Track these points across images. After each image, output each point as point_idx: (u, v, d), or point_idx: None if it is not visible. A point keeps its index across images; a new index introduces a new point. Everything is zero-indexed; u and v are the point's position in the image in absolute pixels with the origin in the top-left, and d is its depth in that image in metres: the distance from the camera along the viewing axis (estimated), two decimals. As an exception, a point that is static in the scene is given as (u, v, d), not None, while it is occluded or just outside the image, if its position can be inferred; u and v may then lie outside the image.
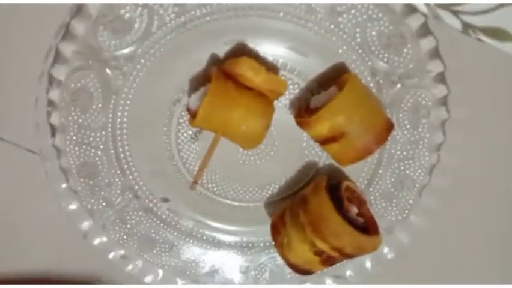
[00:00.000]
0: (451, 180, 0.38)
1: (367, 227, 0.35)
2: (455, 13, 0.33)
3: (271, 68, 0.36)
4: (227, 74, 0.33)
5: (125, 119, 0.37)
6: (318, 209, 0.34)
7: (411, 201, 0.39)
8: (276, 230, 0.36)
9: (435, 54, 0.35)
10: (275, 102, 0.36)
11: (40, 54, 0.35)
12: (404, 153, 0.38)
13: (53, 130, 0.37)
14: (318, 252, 0.33)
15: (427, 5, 0.31)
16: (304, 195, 0.35)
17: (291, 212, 0.36)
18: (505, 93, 0.38)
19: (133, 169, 0.38)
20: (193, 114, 0.32)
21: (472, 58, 0.36)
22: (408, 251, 0.40)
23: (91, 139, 0.37)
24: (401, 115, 0.37)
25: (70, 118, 0.36)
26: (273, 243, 0.37)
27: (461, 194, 0.40)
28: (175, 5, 0.34)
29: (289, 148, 0.39)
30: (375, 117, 0.34)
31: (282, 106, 0.37)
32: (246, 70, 0.32)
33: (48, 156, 0.37)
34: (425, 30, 0.34)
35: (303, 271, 0.36)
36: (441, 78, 0.36)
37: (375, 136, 0.34)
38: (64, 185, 0.38)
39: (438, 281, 0.42)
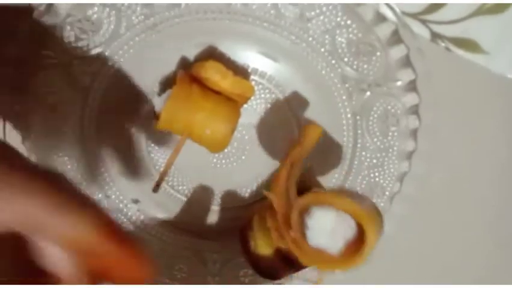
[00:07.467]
0: (421, 188, 0.38)
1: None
2: (424, 22, 0.33)
3: (241, 72, 0.36)
4: (194, 77, 0.33)
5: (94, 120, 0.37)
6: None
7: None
8: (244, 235, 0.36)
9: (406, 63, 0.35)
10: (246, 106, 0.36)
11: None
12: (374, 160, 0.38)
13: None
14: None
15: (395, 13, 0.31)
16: (273, 200, 0.35)
17: (259, 216, 0.36)
18: (473, 101, 0.38)
19: (103, 169, 0.38)
20: (157, 117, 0.32)
21: (441, 67, 0.36)
22: (379, 258, 0.39)
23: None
24: (370, 122, 0.37)
25: (37, 118, 0.36)
26: (241, 246, 0.36)
27: (432, 202, 0.40)
28: (143, 6, 0.33)
29: (260, 153, 0.39)
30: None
31: (254, 110, 0.37)
32: (212, 74, 0.32)
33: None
34: (394, 39, 0.34)
35: (270, 276, 0.36)
36: (411, 87, 0.36)
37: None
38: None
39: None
